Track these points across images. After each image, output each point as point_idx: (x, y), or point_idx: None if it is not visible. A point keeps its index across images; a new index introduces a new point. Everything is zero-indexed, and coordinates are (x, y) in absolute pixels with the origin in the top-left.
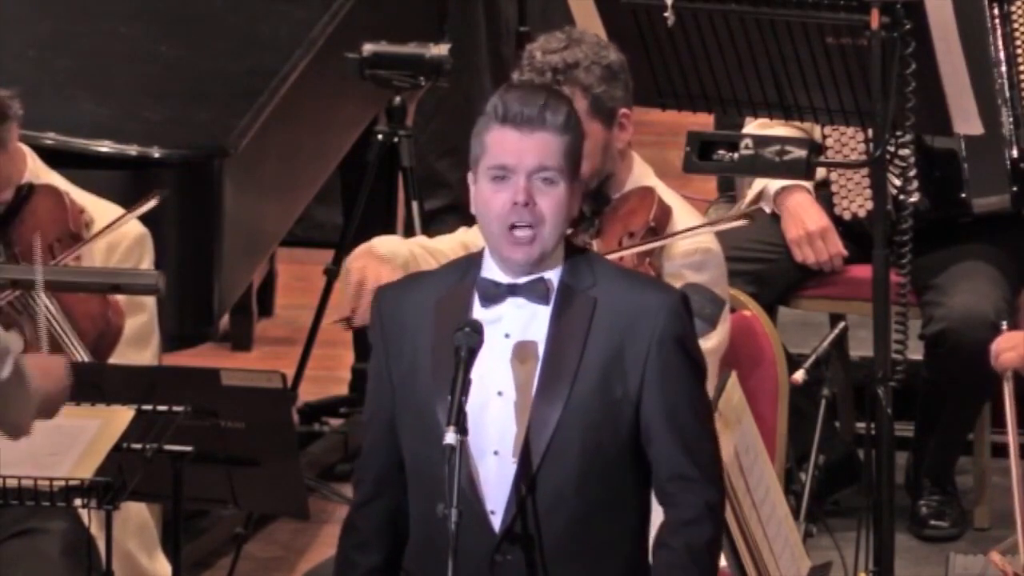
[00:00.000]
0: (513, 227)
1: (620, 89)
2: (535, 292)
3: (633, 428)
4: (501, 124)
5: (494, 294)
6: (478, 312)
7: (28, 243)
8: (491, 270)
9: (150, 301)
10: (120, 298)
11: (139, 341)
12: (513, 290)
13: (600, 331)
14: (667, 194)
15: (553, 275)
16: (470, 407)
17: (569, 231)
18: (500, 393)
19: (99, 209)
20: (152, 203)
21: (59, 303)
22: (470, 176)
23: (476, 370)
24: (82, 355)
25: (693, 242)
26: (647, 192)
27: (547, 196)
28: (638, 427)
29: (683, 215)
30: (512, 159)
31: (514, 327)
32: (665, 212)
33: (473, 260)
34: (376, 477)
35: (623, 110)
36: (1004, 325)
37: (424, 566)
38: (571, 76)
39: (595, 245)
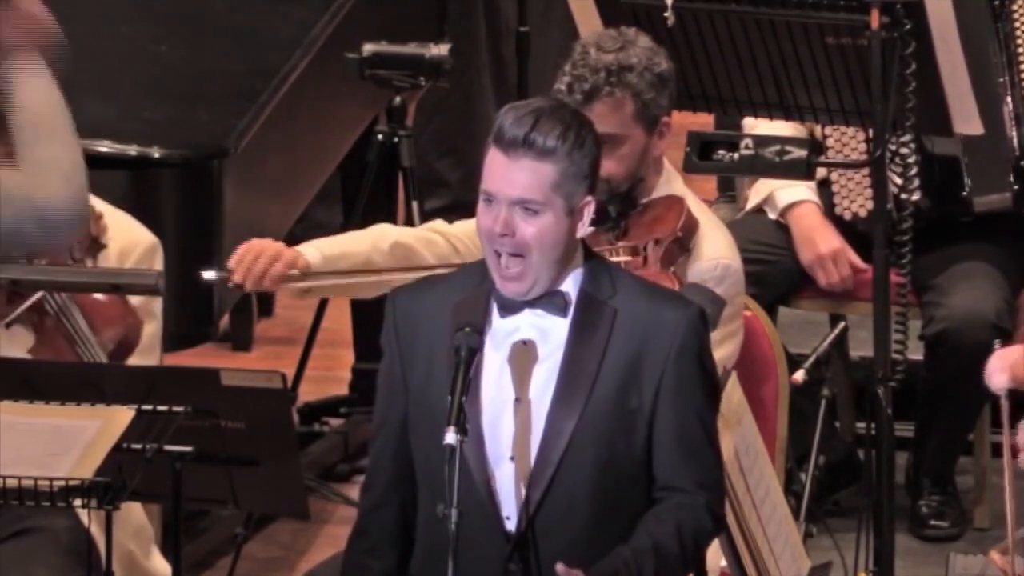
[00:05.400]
0: (499, 254)
1: (666, 98)
2: (553, 305)
3: (646, 440)
4: (494, 145)
5: (512, 304)
6: (497, 321)
7: None
8: None
9: (159, 309)
10: (135, 305)
11: (148, 350)
12: (531, 301)
13: (619, 342)
14: (696, 206)
15: (571, 286)
16: (487, 413)
17: (591, 230)
18: (518, 400)
19: (114, 217)
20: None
21: (79, 306)
22: None
23: (494, 376)
24: (97, 356)
25: (715, 256)
26: (676, 201)
27: (529, 225)
28: (651, 439)
29: (709, 229)
30: (495, 186)
31: (533, 335)
32: (693, 224)
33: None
34: (388, 482)
35: (665, 119)
36: (997, 344)
37: (433, 571)
38: (624, 79)
39: (620, 245)
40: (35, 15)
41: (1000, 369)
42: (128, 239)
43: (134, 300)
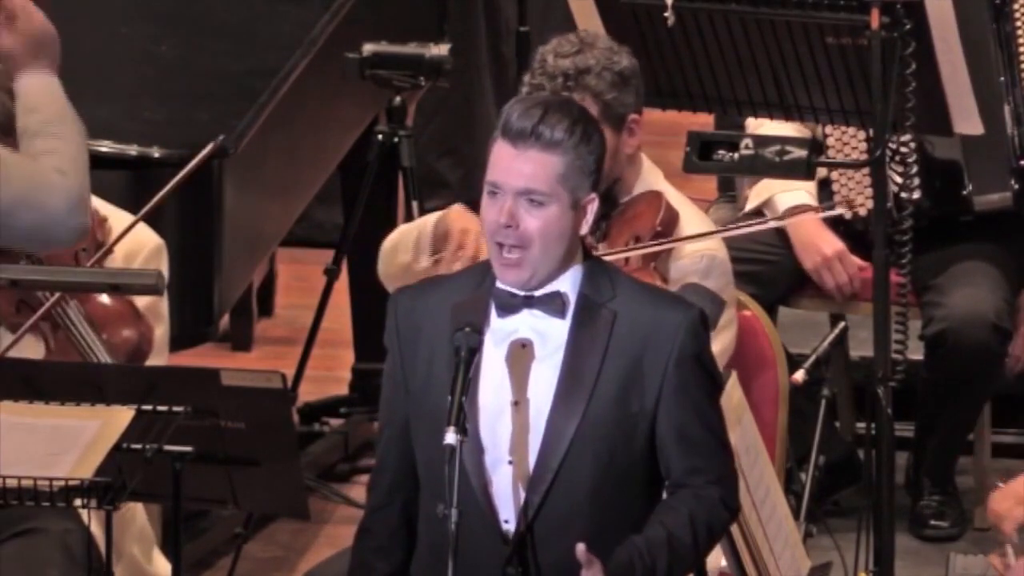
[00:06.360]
0: (501, 247)
1: (631, 95)
2: (551, 306)
3: (648, 443)
4: (501, 137)
5: (510, 305)
6: (496, 321)
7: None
8: None
9: (166, 311)
10: (143, 309)
11: (157, 352)
12: (529, 302)
13: (619, 345)
14: (675, 198)
15: (569, 287)
16: (484, 415)
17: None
18: (516, 403)
19: (118, 219)
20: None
21: (88, 316)
22: None
23: (492, 379)
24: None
25: (699, 248)
26: (655, 196)
27: (533, 218)
28: (653, 442)
29: (691, 220)
30: (501, 177)
31: (531, 337)
32: (672, 217)
33: (490, 267)
34: (391, 482)
35: (633, 116)
36: (1000, 483)
37: (433, 571)
38: (582, 82)
39: (601, 248)
40: (35, 25)
41: (1012, 507)
42: (133, 241)
43: (142, 304)
